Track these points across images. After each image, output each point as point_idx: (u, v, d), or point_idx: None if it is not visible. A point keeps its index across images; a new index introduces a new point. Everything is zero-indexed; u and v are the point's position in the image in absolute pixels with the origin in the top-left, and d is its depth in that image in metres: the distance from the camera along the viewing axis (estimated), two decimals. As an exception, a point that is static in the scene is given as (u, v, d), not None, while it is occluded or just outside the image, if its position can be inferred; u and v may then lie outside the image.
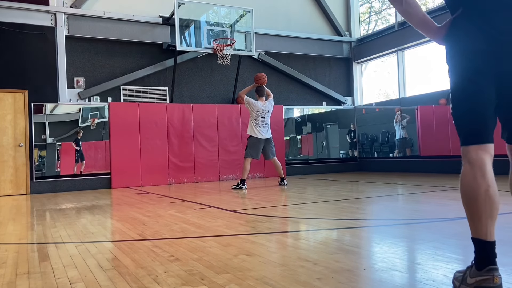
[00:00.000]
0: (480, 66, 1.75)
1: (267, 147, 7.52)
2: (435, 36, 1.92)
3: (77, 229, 3.84)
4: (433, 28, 1.91)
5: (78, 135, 8.85)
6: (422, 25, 1.91)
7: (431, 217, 3.81)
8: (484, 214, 1.67)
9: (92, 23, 9.12)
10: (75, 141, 8.83)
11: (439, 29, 1.90)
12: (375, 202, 5.18)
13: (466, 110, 1.81)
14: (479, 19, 1.76)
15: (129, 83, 9.50)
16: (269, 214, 4.32)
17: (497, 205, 1.69)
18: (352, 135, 11.93)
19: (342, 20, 12.21)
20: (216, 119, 9.87)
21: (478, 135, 1.78)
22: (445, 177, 8.06)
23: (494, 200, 1.68)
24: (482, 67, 1.75)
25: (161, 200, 6.09)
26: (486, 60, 1.74)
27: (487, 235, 1.67)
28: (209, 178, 9.69)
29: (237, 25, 9.98)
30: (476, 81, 1.76)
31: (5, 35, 8.34)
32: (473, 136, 1.78)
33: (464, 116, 1.83)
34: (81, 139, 8.87)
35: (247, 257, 2.54)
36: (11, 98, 8.34)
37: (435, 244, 2.66)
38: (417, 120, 10.16)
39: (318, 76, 11.77)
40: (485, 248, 1.68)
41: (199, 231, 3.49)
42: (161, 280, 2.15)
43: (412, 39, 10.42)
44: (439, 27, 1.91)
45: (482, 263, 1.67)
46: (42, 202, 6.52)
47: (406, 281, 2.04)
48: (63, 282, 2.19)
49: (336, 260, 2.39)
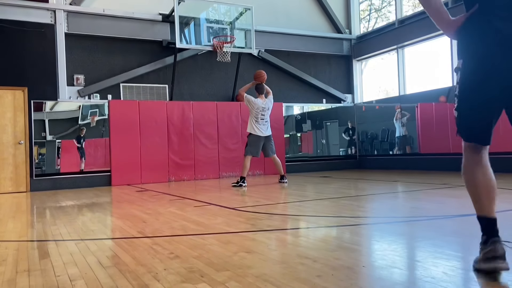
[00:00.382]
0: (490, 68, 1.77)
1: (267, 144, 7.52)
2: (447, 28, 1.94)
3: (77, 227, 3.84)
4: (447, 20, 1.93)
5: (81, 133, 8.85)
6: (437, 14, 1.93)
7: (430, 214, 3.82)
8: (483, 195, 1.95)
9: (91, 20, 9.10)
10: (77, 138, 8.83)
11: (452, 22, 1.92)
12: (375, 199, 5.19)
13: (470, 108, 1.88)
14: (495, 17, 1.75)
15: (129, 81, 9.49)
16: (269, 211, 4.32)
17: (494, 186, 1.96)
18: (351, 133, 11.91)
19: (342, 17, 12.19)
20: (216, 116, 9.87)
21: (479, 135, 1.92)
22: (445, 174, 8.06)
23: (490, 183, 1.95)
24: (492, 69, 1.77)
25: (161, 197, 6.09)
26: (497, 62, 1.75)
27: (489, 212, 1.94)
28: (209, 175, 9.70)
29: (237, 22, 9.96)
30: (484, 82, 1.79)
31: (4, 33, 8.32)
32: (474, 135, 1.93)
33: (467, 114, 1.91)
34: (83, 137, 8.86)
35: (247, 254, 2.54)
36: (10, 96, 8.33)
37: (435, 242, 2.67)
38: (417, 118, 10.15)
39: (318, 74, 11.76)
40: (488, 223, 1.95)
41: (199, 228, 3.49)
42: (161, 277, 2.15)
43: (412, 36, 10.41)
44: (452, 20, 1.92)
45: (487, 237, 1.94)
46: (42, 200, 6.53)
47: (406, 278, 2.04)
48: (63, 280, 2.19)
49: (336, 257, 2.39)
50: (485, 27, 1.79)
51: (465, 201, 4.53)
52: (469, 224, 3.35)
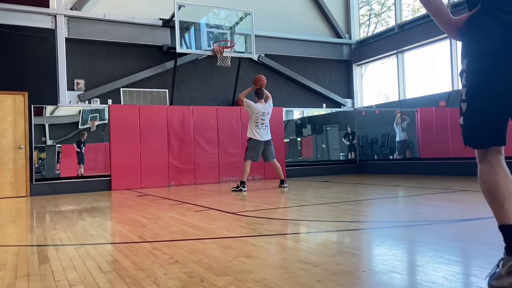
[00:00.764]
0: (496, 68, 1.74)
1: (267, 149, 7.53)
2: (449, 28, 1.90)
3: (77, 231, 3.84)
4: (447, 18, 1.88)
5: (82, 137, 8.85)
6: (438, 13, 1.89)
7: (431, 219, 3.81)
8: (506, 200, 1.75)
9: (92, 25, 9.13)
10: (77, 143, 8.82)
11: (454, 21, 1.88)
12: (375, 204, 5.18)
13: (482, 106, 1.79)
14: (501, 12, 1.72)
15: (129, 85, 9.50)
16: (269, 216, 4.32)
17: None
18: (351, 138, 11.91)
19: (342, 22, 12.23)
20: (216, 121, 9.88)
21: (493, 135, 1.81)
22: (445, 179, 8.05)
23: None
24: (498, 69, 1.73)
25: (161, 202, 6.09)
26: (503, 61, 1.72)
27: (510, 219, 1.74)
28: (209, 180, 9.69)
29: (237, 27, 9.99)
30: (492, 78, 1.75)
31: (5, 37, 8.35)
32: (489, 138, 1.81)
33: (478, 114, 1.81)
34: (83, 141, 8.86)
35: (247, 259, 2.54)
36: (11, 100, 8.34)
37: (435, 246, 2.66)
38: (417, 122, 10.16)
39: (318, 78, 11.78)
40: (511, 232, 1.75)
41: (199, 233, 3.49)
42: (160, 282, 2.14)
43: (412, 41, 10.44)
44: (454, 20, 1.88)
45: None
46: (42, 204, 6.52)
47: (406, 283, 2.03)
48: (62, 285, 2.18)
49: (336, 262, 2.38)
50: (490, 23, 1.75)
51: (465, 205, 4.53)
52: (470, 229, 3.35)
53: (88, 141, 8.92)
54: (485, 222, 3.40)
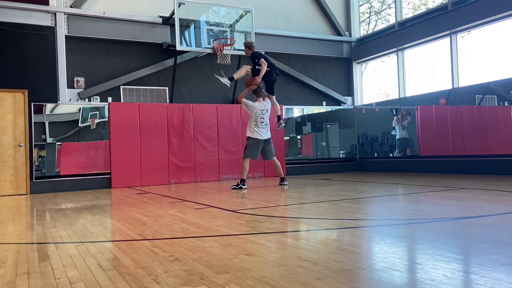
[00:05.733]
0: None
1: (267, 147, 7.53)
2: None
3: (77, 229, 3.84)
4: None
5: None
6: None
7: (431, 217, 3.81)
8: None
9: (92, 23, 9.11)
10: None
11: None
12: (375, 202, 5.18)
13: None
14: None
15: (129, 83, 9.50)
16: (269, 214, 4.32)
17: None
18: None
19: (342, 20, 12.21)
20: (216, 119, 9.87)
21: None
22: (445, 177, 8.05)
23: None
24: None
25: (161, 200, 6.09)
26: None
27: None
28: (209, 178, 9.69)
29: (237, 25, 9.98)
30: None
31: (5, 35, 8.34)
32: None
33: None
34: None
35: (247, 257, 2.54)
36: (11, 98, 8.34)
37: (435, 244, 2.66)
38: (417, 120, 10.16)
39: (318, 76, 11.77)
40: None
41: (199, 231, 3.49)
42: (161, 280, 2.15)
43: (412, 39, 10.43)
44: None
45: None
46: (42, 202, 6.52)
47: (406, 281, 2.04)
48: (63, 282, 2.19)
49: (336, 260, 2.39)
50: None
51: (465, 203, 4.53)
52: (470, 227, 3.35)
53: (88, 139, 8.91)
54: (485, 220, 3.40)
